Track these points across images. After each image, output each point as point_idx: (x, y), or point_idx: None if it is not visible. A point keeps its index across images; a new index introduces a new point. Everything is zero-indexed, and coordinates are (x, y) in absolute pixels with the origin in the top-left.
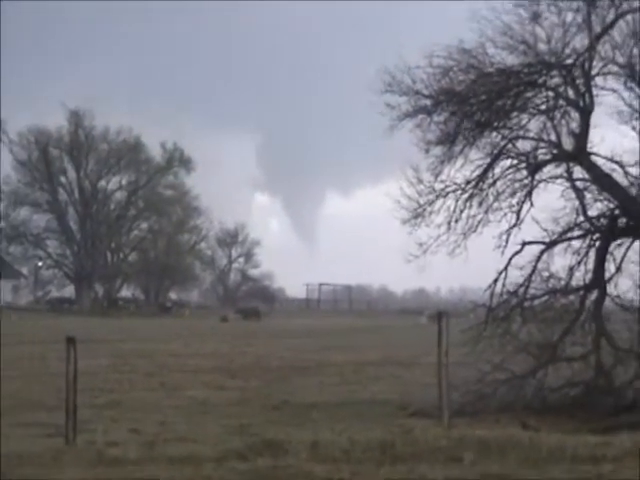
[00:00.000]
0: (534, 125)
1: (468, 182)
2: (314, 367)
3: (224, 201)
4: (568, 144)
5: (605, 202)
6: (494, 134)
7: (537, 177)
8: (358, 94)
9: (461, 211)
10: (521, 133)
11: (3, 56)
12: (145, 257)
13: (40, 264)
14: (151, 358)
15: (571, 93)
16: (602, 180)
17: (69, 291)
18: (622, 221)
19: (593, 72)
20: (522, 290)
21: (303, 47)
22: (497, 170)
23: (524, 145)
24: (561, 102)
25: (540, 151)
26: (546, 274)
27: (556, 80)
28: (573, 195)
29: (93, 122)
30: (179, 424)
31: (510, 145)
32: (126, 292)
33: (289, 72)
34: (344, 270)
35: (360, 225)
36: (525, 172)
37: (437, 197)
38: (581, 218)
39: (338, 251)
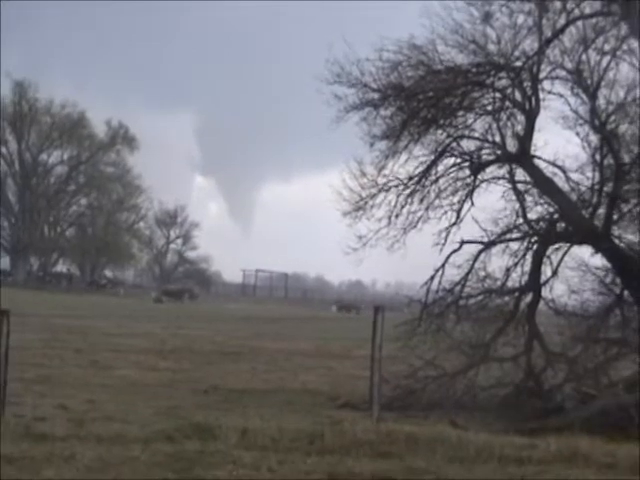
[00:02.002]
0: (479, 125)
1: (411, 178)
2: (246, 353)
3: (164, 181)
4: (512, 146)
5: (545, 206)
6: (439, 132)
7: (479, 177)
8: (305, 82)
9: (402, 206)
10: (466, 132)
11: None
12: (83, 233)
13: None
14: (83, 335)
15: (518, 95)
16: (543, 184)
17: (4, 263)
18: (561, 226)
19: (541, 76)
20: (458, 288)
21: (251, 29)
22: (440, 168)
23: (468, 144)
24: (507, 104)
25: (484, 151)
26: (483, 274)
27: (504, 82)
28: (514, 197)
29: (37, 94)
30: (108, 403)
31: (454, 144)
32: (62, 267)
33: (236, 54)
34: (282, 257)
35: (299, 214)
36: (468, 171)
37: (379, 191)
38: (520, 220)
39: (276, 238)
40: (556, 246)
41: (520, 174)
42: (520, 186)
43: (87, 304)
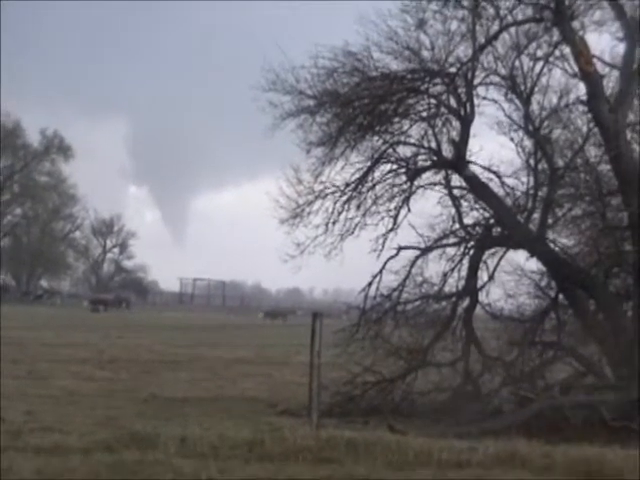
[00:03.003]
0: (415, 131)
1: (347, 185)
2: (185, 362)
3: (99, 190)
4: (448, 152)
5: (481, 211)
6: (375, 138)
7: (416, 183)
8: (240, 89)
9: (339, 213)
10: (402, 139)
11: None
12: (18, 243)
13: None
14: (20, 346)
15: (453, 101)
16: (479, 189)
17: None
18: (496, 230)
19: (475, 82)
20: (396, 294)
21: (183, 36)
22: (377, 174)
23: (404, 151)
24: (443, 110)
25: (420, 157)
26: (420, 279)
27: (438, 88)
28: (450, 203)
29: None
30: (46, 414)
31: (391, 150)
32: None
33: (169, 61)
34: (219, 265)
35: (236, 221)
36: (404, 177)
37: (316, 198)
38: (457, 226)
39: (213, 246)
40: (492, 251)
41: (456, 180)
42: (456, 192)
43: (23, 315)
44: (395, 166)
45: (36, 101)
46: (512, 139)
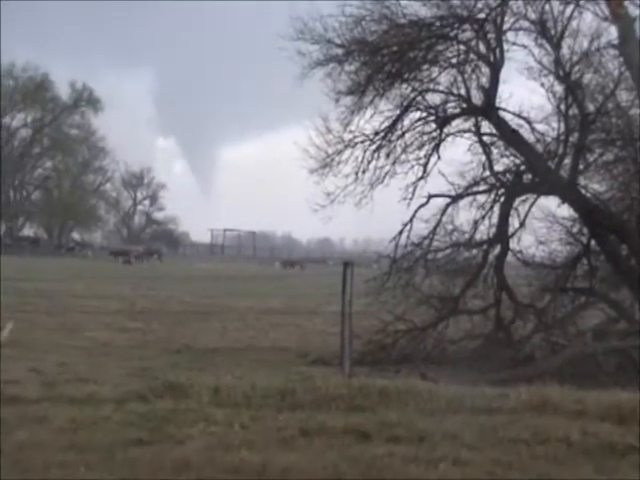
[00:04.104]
0: (444, 78)
1: (377, 133)
2: (216, 312)
3: (129, 143)
4: (477, 98)
5: (511, 158)
6: (404, 86)
7: (445, 130)
8: (267, 39)
9: (369, 162)
10: (431, 86)
11: None
12: (49, 196)
13: None
14: (53, 298)
15: (482, 47)
16: (509, 136)
17: None
18: (527, 177)
19: (505, 27)
20: (426, 242)
21: None
22: (406, 122)
23: (434, 98)
24: (472, 56)
25: (449, 105)
26: (450, 227)
27: (467, 34)
28: (480, 150)
29: None
30: (80, 365)
31: (420, 97)
32: (29, 231)
33: (194, 11)
34: (249, 216)
35: (264, 171)
36: (433, 125)
37: (345, 147)
38: (487, 173)
39: (243, 197)
40: (523, 198)
41: (486, 126)
42: (486, 138)
43: (55, 267)
44: (424, 114)
45: (65, 53)
46: (542, 84)
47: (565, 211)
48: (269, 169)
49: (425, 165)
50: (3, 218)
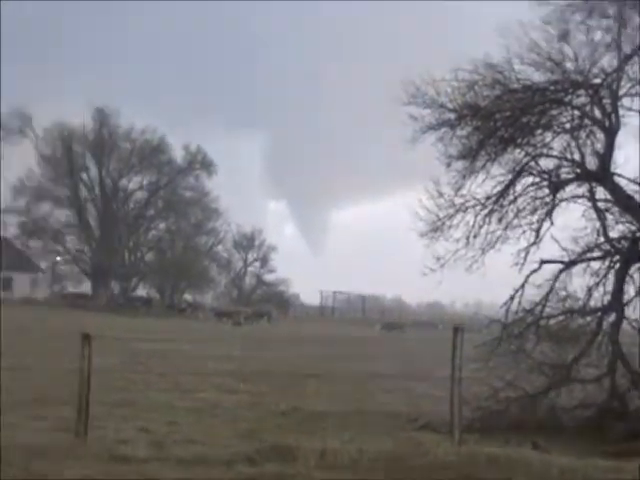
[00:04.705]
0: (558, 143)
1: (488, 198)
2: (324, 375)
3: (240, 204)
4: (592, 164)
5: (627, 224)
6: (517, 151)
7: (559, 196)
8: (378, 103)
9: (480, 227)
10: (544, 151)
11: (31, 52)
12: (162, 257)
13: (58, 259)
14: (164, 358)
15: (597, 113)
16: (624, 202)
17: (85, 287)
18: None
19: (620, 92)
20: (538, 308)
21: (323, 50)
22: (518, 187)
23: (547, 163)
24: (586, 121)
25: (563, 170)
26: (563, 294)
27: (582, 99)
28: (594, 216)
29: (118, 120)
30: (189, 425)
31: (533, 162)
32: (142, 291)
33: (307, 74)
34: (359, 278)
35: (374, 234)
36: (547, 190)
37: (457, 211)
38: (601, 239)
39: (352, 259)
40: (639, 265)
41: (600, 192)
42: (601, 204)
43: (167, 328)
44: (537, 179)
45: (179, 117)
46: None
47: None
48: (380, 232)
49: (538, 230)
50: (117, 278)
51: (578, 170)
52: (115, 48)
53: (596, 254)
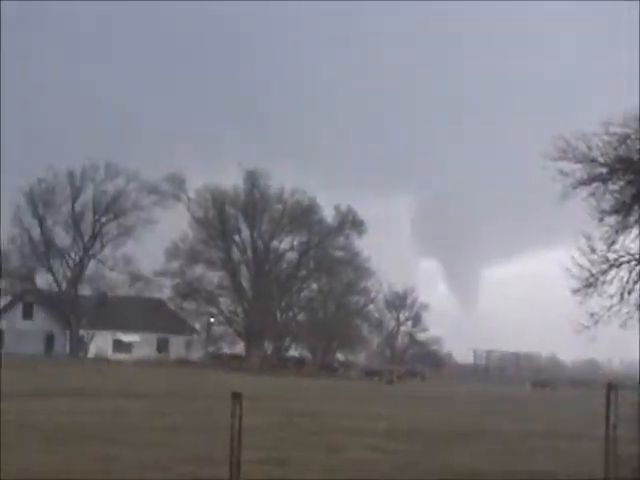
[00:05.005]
0: None
1: None
2: (477, 434)
3: (391, 263)
4: None
5: None
6: None
7: None
8: (526, 159)
9: (635, 282)
10: None
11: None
12: (314, 317)
13: (212, 320)
14: (316, 417)
15: None
16: None
17: (239, 348)
18: None
19: None
20: None
21: (467, 107)
22: None
23: None
24: None
25: None
26: None
27: None
28: None
29: (268, 182)
30: None
31: None
32: (294, 351)
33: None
34: (511, 336)
35: (526, 291)
36: None
37: (610, 267)
38: None
39: (504, 316)
40: None
41: None
42: None
43: (319, 388)
44: None
45: (329, 176)
46: None
47: None
48: (531, 288)
49: None
50: (270, 339)
51: None
52: (263, 111)
53: None
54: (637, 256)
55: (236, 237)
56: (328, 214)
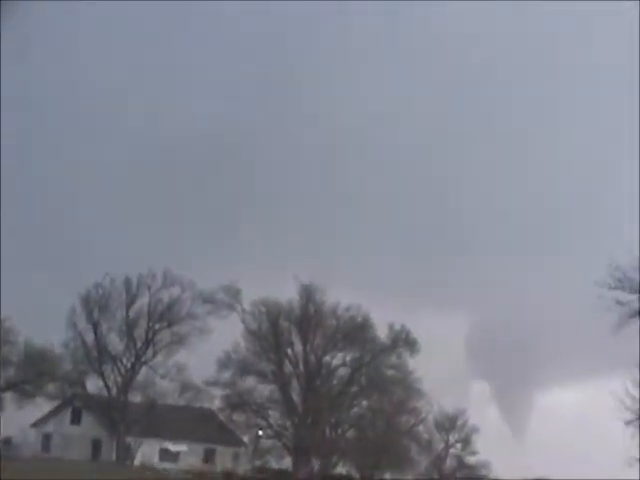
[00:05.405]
0: None
1: None
2: None
3: (443, 384)
4: None
5: None
6: None
7: None
8: (584, 286)
9: None
10: None
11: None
12: (363, 435)
13: (261, 433)
14: None
15: None
16: None
17: (286, 463)
18: None
19: None
20: None
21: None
22: None
23: None
24: None
25: None
26: None
27: None
28: None
29: (323, 297)
30: None
31: None
32: (341, 469)
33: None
34: (560, 465)
35: (579, 420)
36: None
37: None
38: None
39: (554, 444)
40: None
41: None
42: None
43: None
44: None
45: (384, 294)
46: None
47: None
48: (584, 417)
49: None
50: (318, 455)
51: None
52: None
53: None
54: None
55: (289, 350)
56: (381, 331)
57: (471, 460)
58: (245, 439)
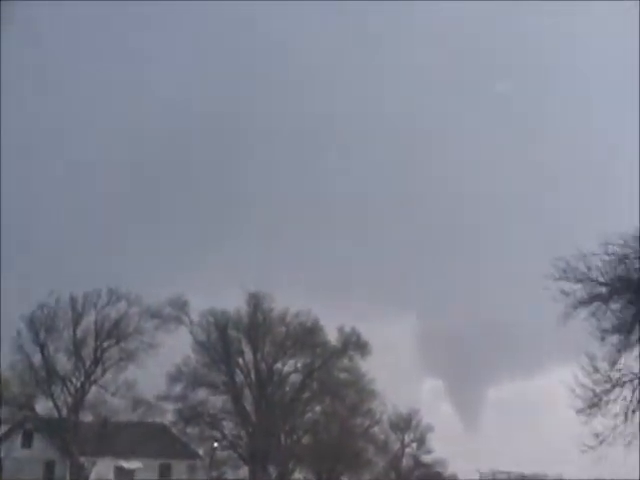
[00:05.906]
0: None
1: None
2: None
3: (395, 385)
4: None
5: None
6: None
7: None
8: (528, 279)
9: (639, 401)
10: None
11: (186, 240)
12: (318, 440)
13: (216, 445)
14: None
15: None
16: None
17: (243, 473)
18: None
19: None
20: None
21: (469, 231)
22: None
23: None
24: None
25: None
26: None
27: None
28: None
29: (272, 304)
30: None
31: None
32: (298, 475)
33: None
34: (517, 457)
35: (531, 410)
36: None
37: (613, 386)
38: None
39: (508, 437)
40: None
41: None
42: None
43: None
44: None
45: (332, 298)
46: None
47: None
48: (535, 408)
49: None
50: (274, 463)
51: None
52: (268, 232)
53: None
54: None
55: (239, 360)
56: (332, 336)
57: (427, 458)
58: (200, 452)
